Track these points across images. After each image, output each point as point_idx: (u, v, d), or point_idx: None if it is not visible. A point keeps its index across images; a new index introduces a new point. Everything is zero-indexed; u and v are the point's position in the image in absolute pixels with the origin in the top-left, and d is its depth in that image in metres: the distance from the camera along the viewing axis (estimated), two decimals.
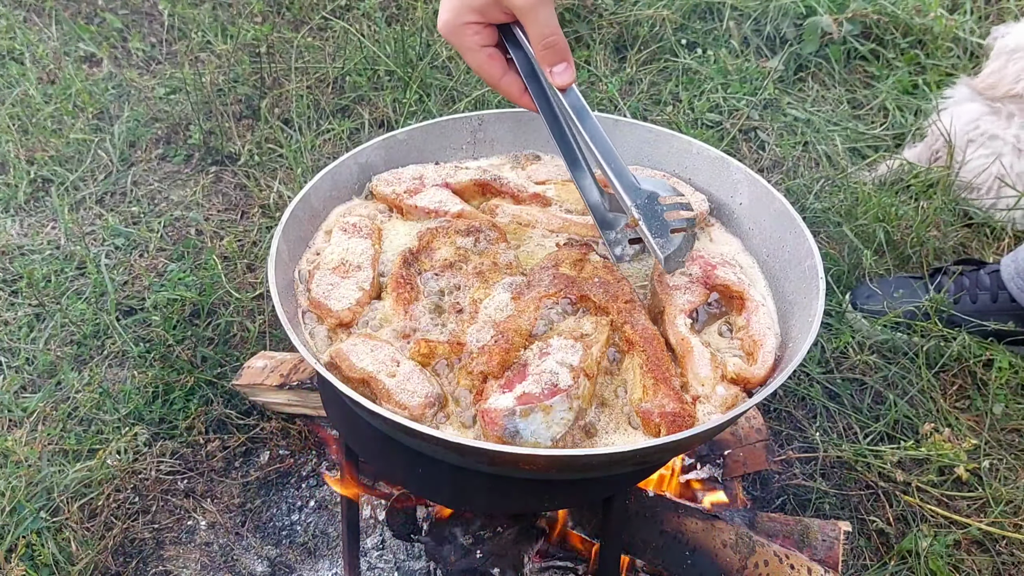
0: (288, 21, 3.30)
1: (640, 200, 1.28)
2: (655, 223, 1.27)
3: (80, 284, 2.35)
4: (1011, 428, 2.07)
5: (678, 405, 1.21)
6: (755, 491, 1.97)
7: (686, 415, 1.20)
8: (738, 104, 2.89)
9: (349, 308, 1.35)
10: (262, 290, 2.28)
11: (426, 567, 1.80)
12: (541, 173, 1.63)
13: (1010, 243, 2.50)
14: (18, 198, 2.61)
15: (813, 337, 1.25)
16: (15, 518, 1.79)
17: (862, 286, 2.29)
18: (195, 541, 1.88)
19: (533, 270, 1.39)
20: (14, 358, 2.17)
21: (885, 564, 1.83)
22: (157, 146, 2.83)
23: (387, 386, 1.23)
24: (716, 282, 1.37)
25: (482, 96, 2.80)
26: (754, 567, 1.55)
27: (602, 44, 3.13)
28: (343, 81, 2.96)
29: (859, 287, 2.29)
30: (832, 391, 2.12)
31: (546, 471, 1.22)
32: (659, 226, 1.27)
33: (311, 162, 2.61)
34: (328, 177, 1.54)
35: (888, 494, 1.93)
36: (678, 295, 1.35)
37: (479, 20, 1.28)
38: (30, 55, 3.11)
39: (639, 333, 1.29)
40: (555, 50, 1.25)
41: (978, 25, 3.22)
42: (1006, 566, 1.84)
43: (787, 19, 3.14)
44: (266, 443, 2.03)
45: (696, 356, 1.27)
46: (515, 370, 1.25)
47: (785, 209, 1.46)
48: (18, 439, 1.95)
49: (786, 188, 2.55)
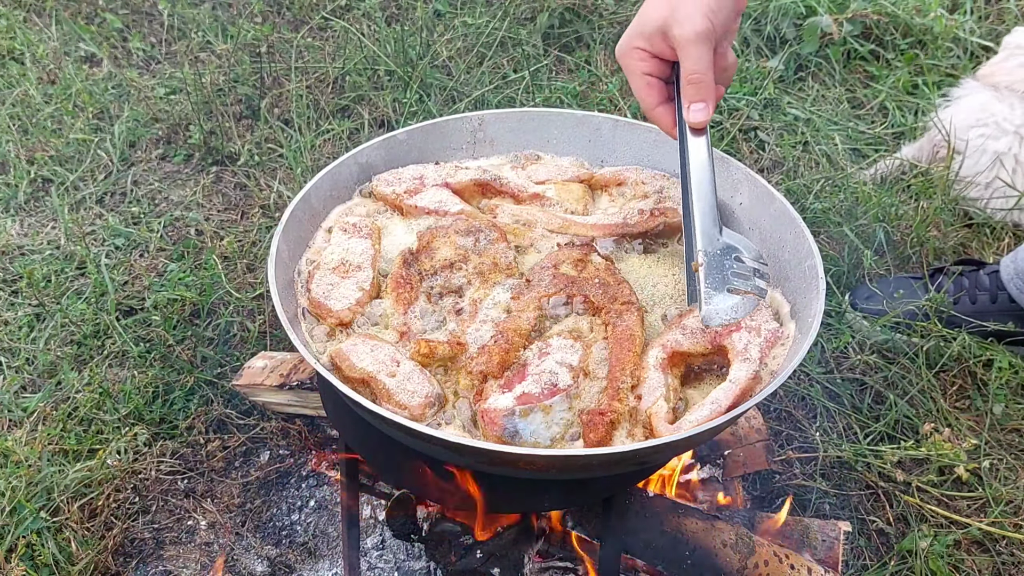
0: (288, 21, 3.30)
1: (711, 248, 1.27)
2: (715, 275, 1.26)
3: (80, 284, 2.35)
4: (1011, 428, 2.07)
5: (606, 403, 1.20)
6: (755, 491, 1.97)
7: (608, 412, 1.19)
8: (738, 104, 2.89)
9: (349, 308, 1.35)
10: (262, 290, 2.28)
11: (426, 567, 1.80)
12: (541, 173, 1.63)
13: (1010, 243, 2.50)
14: (18, 198, 2.61)
15: (813, 337, 1.25)
16: (15, 518, 1.79)
17: (862, 286, 2.29)
18: (195, 541, 1.88)
19: (533, 270, 1.40)
20: (14, 358, 2.17)
21: (885, 564, 1.83)
22: (157, 146, 2.83)
23: (387, 386, 1.23)
24: (720, 342, 1.29)
25: (482, 96, 2.80)
26: (754, 567, 1.55)
27: (602, 44, 3.13)
28: (343, 81, 2.96)
29: (859, 287, 2.29)
30: (832, 391, 2.12)
31: (546, 471, 1.22)
32: (718, 280, 1.26)
33: (311, 162, 2.61)
34: (328, 177, 1.54)
35: (888, 494, 1.93)
36: (676, 331, 1.31)
37: (646, 48, 1.30)
38: (30, 55, 3.11)
39: (616, 333, 1.29)
40: (699, 87, 1.26)
41: (978, 25, 3.22)
42: (1006, 566, 1.84)
43: (787, 19, 3.14)
44: (266, 443, 2.03)
45: (647, 384, 1.25)
46: (515, 370, 1.25)
47: (785, 209, 1.46)
48: (18, 439, 1.95)
49: (786, 188, 2.55)
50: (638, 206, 1.54)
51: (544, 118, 1.69)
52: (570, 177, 1.62)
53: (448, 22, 3.13)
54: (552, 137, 1.68)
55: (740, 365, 1.24)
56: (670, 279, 1.45)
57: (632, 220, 1.50)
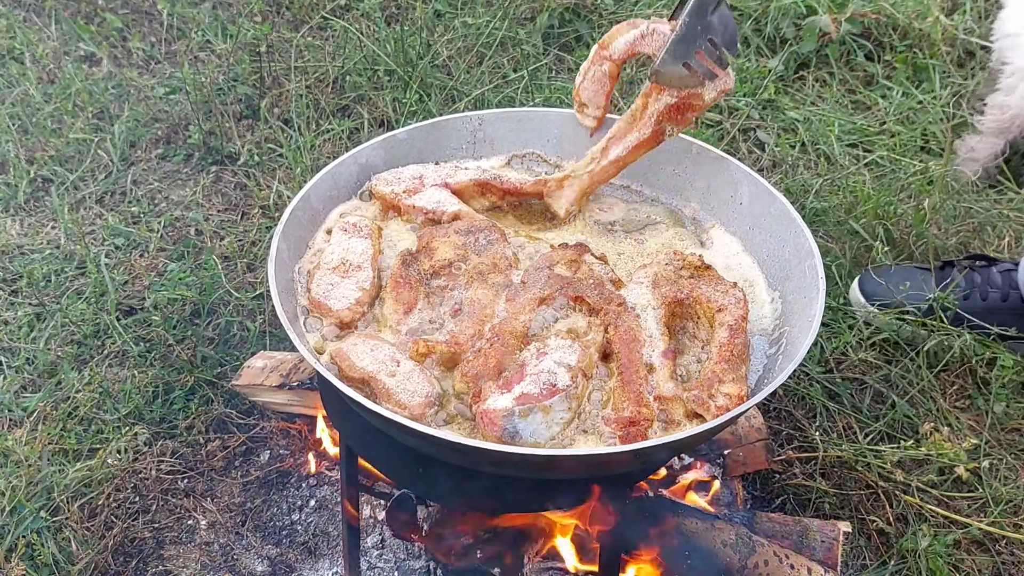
0: (288, 21, 3.29)
1: (694, 20, 1.39)
2: (682, 46, 1.41)
3: (80, 284, 2.35)
4: (1011, 428, 2.07)
5: (635, 410, 1.21)
6: (755, 491, 1.97)
7: (641, 420, 1.20)
8: (738, 104, 2.89)
9: (349, 308, 1.35)
10: (262, 290, 2.28)
11: (426, 567, 1.80)
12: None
13: (1010, 242, 2.50)
14: (18, 198, 2.61)
15: (813, 337, 1.25)
16: (15, 518, 1.79)
17: (868, 275, 2.26)
18: (195, 541, 1.88)
19: (528, 271, 1.40)
20: (14, 358, 2.17)
21: (885, 564, 1.83)
22: (157, 146, 2.83)
23: (387, 386, 1.23)
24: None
25: (482, 96, 2.80)
26: (754, 567, 1.55)
27: None
28: (343, 81, 2.96)
29: (865, 275, 2.26)
30: (832, 391, 2.12)
31: (546, 471, 1.22)
32: (681, 51, 1.41)
33: (311, 162, 2.61)
34: (328, 177, 1.54)
35: (888, 494, 1.93)
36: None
37: None
38: (30, 55, 3.11)
39: (620, 335, 1.29)
40: None
41: (977, 24, 3.22)
42: (1006, 566, 1.84)
43: (787, 19, 3.14)
44: (266, 443, 2.03)
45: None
46: (513, 370, 1.25)
47: (785, 209, 1.46)
48: (18, 439, 1.95)
49: (786, 188, 2.55)
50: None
51: (544, 118, 1.69)
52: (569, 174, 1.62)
53: (448, 22, 3.13)
54: (552, 137, 1.68)
55: None
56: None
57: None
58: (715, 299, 1.34)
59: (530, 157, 1.68)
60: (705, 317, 1.35)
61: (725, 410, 1.20)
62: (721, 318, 1.31)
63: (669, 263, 1.40)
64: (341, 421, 1.47)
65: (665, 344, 1.29)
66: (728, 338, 1.28)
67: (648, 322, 1.32)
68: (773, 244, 1.48)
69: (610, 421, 1.20)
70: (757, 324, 1.40)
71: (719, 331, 1.30)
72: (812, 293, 1.34)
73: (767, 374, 1.34)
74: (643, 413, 1.20)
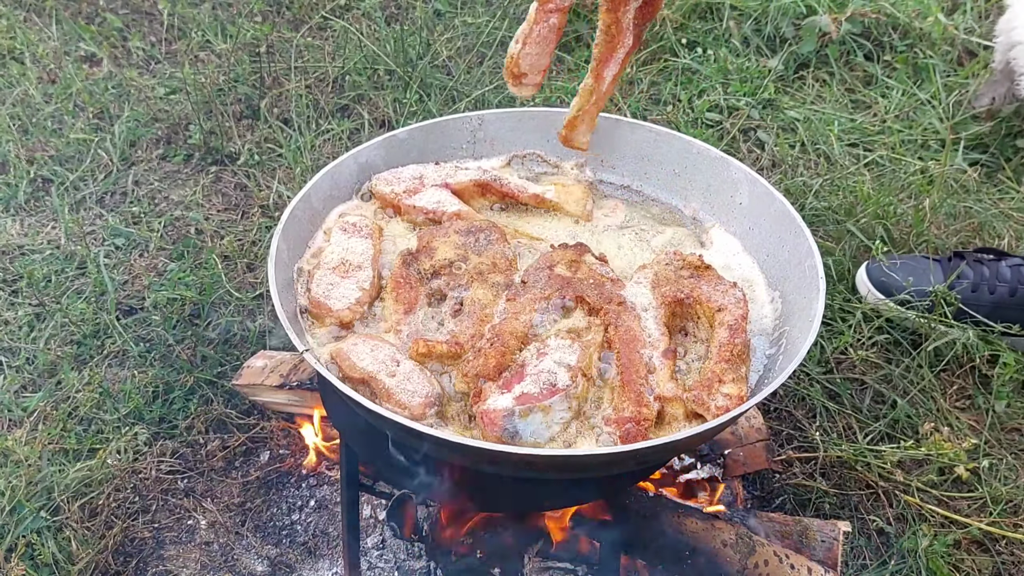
0: (288, 21, 3.29)
1: None
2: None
3: (80, 284, 2.35)
4: (1011, 427, 2.07)
5: (635, 410, 1.21)
6: (755, 491, 1.97)
7: (641, 420, 1.20)
8: (738, 104, 2.89)
9: (349, 307, 1.35)
10: (262, 290, 2.28)
11: (426, 567, 1.80)
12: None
13: (1011, 241, 2.50)
14: (18, 198, 2.61)
15: (813, 337, 1.25)
16: (15, 517, 1.79)
17: (874, 264, 2.24)
18: (195, 540, 1.88)
19: (528, 271, 1.40)
20: (14, 358, 2.17)
21: (885, 564, 1.83)
22: (157, 146, 2.83)
23: (387, 386, 1.23)
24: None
25: (482, 96, 2.80)
26: (754, 567, 1.55)
27: None
28: (343, 81, 2.96)
29: (871, 263, 2.25)
30: (832, 391, 2.12)
31: (546, 471, 1.22)
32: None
33: (311, 162, 2.61)
34: (328, 177, 1.54)
35: (888, 494, 1.93)
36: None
37: None
38: (30, 55, 3.11)
39: (620, 335, 1.29)
40: None
41: (978, 24, 3.22)
42: (1006, 566, 1.84)
43: (787, 19, 3.14)
44: (266, 443, 2.03)
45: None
46: (513, 371, 1.25)
47: (785, 209, 1.46)
48: (18, 439, 1.95)
49: (786, 188, 2.55)
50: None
51: (544, 118, 1.69)
52: (573, 180, 1.63)
53: (448, 22, 3.13)
54: (552, 137, 1.68)
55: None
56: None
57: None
58: (715, 299, 1.34)
59: (530, 157, 1.68)
60: (705, 317, 1.35)
61: (725, 410, 1.20)
62: (721, 318, 1.31)
63: (669, 263, 1.40)
64: (341, 421, 1.47)
65: (665, 344, 1.29)
66: (728, 338, 1.28)
67: (648, 322, 1.32)
68: (773, 244, 1.48)
69: (610, 421, 1.20)
70: (757, 324, 1.40)
71: (719, 331, 1.30)
72: (812, 293, 1.34)
73: (767, 374, 1.34)
74: (643, 413, 1.20)
